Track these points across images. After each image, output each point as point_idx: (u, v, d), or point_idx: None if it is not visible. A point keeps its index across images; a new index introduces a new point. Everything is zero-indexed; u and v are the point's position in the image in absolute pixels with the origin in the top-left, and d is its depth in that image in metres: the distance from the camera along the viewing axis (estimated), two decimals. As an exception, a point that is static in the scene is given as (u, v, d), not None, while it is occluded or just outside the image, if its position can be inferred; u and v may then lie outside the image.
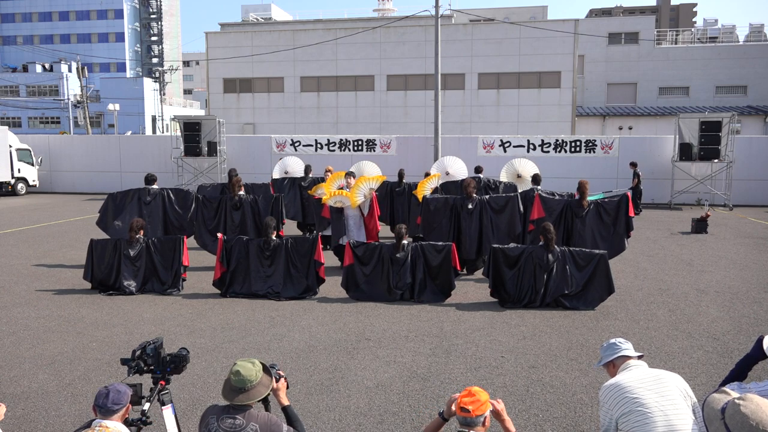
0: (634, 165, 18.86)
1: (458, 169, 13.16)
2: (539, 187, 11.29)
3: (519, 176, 14.16)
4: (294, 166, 14.83)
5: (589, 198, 9.77)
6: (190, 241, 11.31)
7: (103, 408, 2.85)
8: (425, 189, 11.47)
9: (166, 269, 8.96)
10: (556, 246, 8.15)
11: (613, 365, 3.29)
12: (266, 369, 3.08)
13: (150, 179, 11.02)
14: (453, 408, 2.98)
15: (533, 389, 5.42)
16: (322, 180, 11.96)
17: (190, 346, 6.34)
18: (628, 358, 3.24)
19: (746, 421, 2.18)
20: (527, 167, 14.27)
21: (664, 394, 2.94)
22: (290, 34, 34.01)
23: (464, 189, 10.16)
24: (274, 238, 8.76)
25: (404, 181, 13.30)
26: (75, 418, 4.86)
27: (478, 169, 13.79)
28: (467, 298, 8.64)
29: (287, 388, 3.23)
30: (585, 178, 12.05)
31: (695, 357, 6.23)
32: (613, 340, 3.36)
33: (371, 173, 14.07)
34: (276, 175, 14.33)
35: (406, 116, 32.66)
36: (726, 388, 2.60)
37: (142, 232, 9.10)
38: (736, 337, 6.86)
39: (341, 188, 10.57)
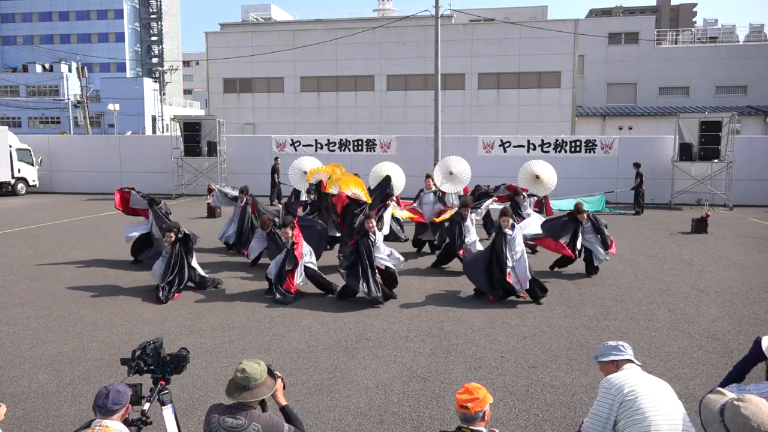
0: (637, 165, 18.88)
1: (462, 169, 13.10)
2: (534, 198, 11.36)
3: (537, 177, 14.08)
4: (309, 167, 14.90)
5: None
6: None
7: (103, 408, 2.87)
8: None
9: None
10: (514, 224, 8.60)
11: (616, 365, 3.32)
12: (271, 372, 3.11)
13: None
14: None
15: (533, 389, 5.42)
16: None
17: (190, 346, 6.33)
18: (632, 362, 3.30)
19: (748, 423, 2.16)
20: (544, 169, 14.22)
21: (670, 402, 2.99)
22: (290, 34, 34.02)
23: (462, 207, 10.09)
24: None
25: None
26: (75, 418, 4.86)
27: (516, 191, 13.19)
28: (467, 297, 8.64)
29: (284, 388, 3.24)
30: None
31: (695, 357, 6.23)
32: (615, 343, 3.39)
33: (392, 172, 13.93)
34: (293, 174, 14.07)
35: (406, 116, 32.66)
36: (721, 389, 2.58)
37: (173, 234, 8.91)
38: (736, 337, 6.86)
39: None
